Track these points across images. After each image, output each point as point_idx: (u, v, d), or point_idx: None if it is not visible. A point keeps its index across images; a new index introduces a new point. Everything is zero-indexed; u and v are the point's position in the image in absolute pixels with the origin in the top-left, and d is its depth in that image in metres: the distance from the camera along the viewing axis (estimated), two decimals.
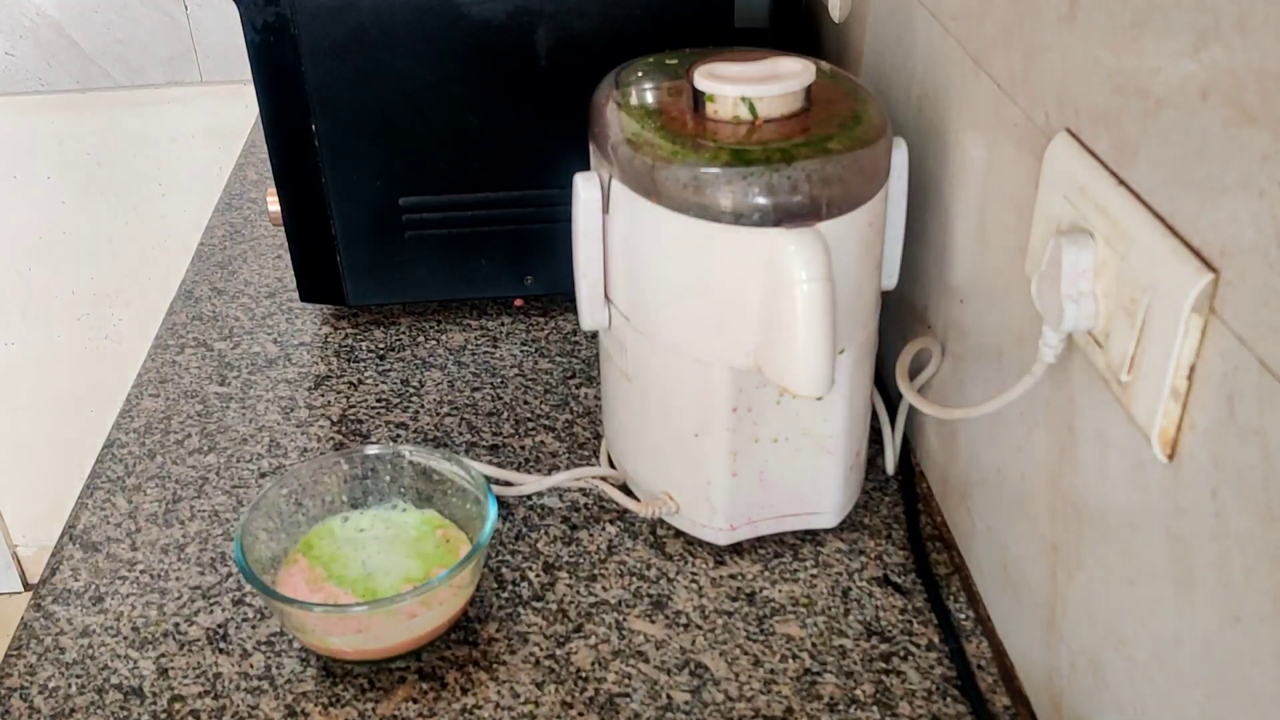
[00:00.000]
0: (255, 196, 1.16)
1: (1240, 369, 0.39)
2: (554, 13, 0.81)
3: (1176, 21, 0.42)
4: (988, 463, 0.65)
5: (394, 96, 0.83)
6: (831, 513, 0.71)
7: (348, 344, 0.92)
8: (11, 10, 1.50)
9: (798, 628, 0.67)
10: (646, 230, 0.62)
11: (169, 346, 0.93)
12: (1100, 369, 0.49)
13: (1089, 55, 0.49)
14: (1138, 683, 0.49)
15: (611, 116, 0.64)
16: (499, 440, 0.81)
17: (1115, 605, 0.51)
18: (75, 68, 1.55)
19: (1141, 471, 0.47)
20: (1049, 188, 0.52)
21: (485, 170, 0.87)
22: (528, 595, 0.69)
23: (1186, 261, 0.42)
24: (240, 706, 0.62)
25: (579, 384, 0.87)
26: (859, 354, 0.66)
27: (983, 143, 0.62)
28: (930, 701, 0.62)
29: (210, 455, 0.81)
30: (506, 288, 0.93)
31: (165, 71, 1.56)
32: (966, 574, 0.69)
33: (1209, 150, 0.40)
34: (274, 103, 0.83)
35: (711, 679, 0.64)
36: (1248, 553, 0.40)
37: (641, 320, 0.66)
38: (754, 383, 0.64)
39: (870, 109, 0.63)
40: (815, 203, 0.59)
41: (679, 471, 0.69)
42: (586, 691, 0.63)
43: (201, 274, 1.03)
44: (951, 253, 0.69)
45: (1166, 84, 0.43)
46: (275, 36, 0.81)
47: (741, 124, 0.61)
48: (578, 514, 0.75)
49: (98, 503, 0.77)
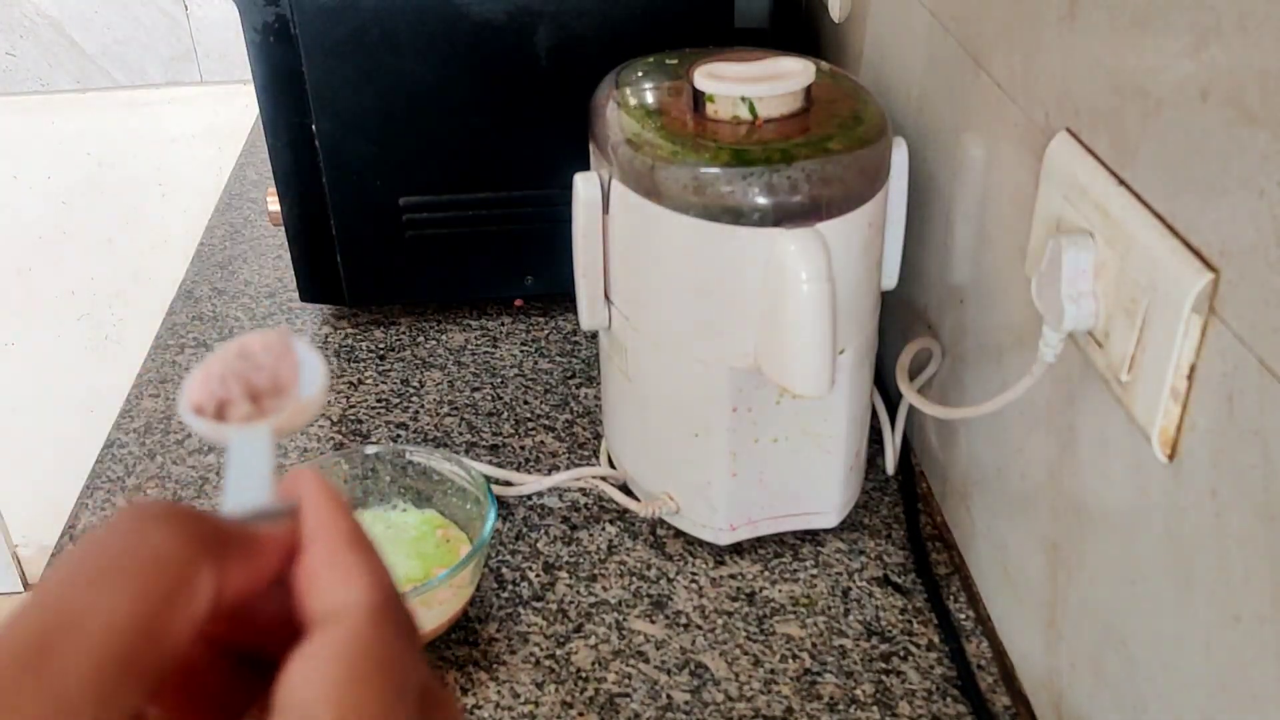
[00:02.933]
0: (255, 196, 1.16)
1: (1240, 369, 0.39)
2: (554, 13, 0.81)
3: (1176, 21, 0.42)
4: (988, 463, 0.65)
5: (394, 96, 0.83)
6: (831, 513, 0.71)
7: (348, 344, 0.92)
8: (11, 10, 1.50)
9: (798, 628, 0.67)
10: (646, 230, 0.62)
11: (169, 346, 0.93)
12: (1100, 369, 0.49)
13: (1089, 55, 0.49)
14: (1138, 683, 0.49)
15: (611, 116, 0.64)
16: (499, 440, 0.81)
17: (1115, 605, 0.51)
18: (75, 68, 1.55)
19: (1141, 471, 0.47)
20: (1049, 188, 0.52)
21: (485, 170, 0.87)
22: (528, 595, 0.69)
23: (1186, 261, 0.42)
24: None
25: (579, 384, 0.87)
26: (859, 354, 0.66)
27: (983, 143, 0.62)
28: (930, 701, 0.62)
29: (210, 455, 0.80)
30: (506, 288, 0.93)
31: (165, 71, 1.56)
32: (966, 574, 0.69)
33: (1209, 150, 0.40)
34: (274, 103, 0.83)
35: (711, 679, 0.64)
36: (1248, 553, 0.40)
37: (641, 320, 0.66)
38: (754, 383, 0.64)
39: (870, 109, 0.63)
40: (815, 203, 0.59)
41: (679, 471, 0.69)
42: (586, 691, 0.63)
43: (201, 274, 1.03)
44: (951, 253, 0.69)
45: (1166, 84, 0.43)
46: (275, 36, 0.81)
47: (741, 124, 0.61)
48: (578, 514, 0.75)
49: (98, 503, 0.77)
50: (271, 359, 0.34)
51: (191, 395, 0.33)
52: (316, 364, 0.34)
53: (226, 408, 0.33)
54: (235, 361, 0.34)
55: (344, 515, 0.28)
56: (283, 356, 0.34)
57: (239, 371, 0.34)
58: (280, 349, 0.34)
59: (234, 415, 0.33)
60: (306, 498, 0.29)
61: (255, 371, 0.34)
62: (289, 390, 0.34)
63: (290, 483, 0.29)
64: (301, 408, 0.33)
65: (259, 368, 0.34)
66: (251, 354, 0.34)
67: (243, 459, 0.32)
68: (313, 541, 0.28)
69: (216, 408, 0.33)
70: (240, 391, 0.33)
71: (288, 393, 0.34)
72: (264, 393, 0.34)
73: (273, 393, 0.34)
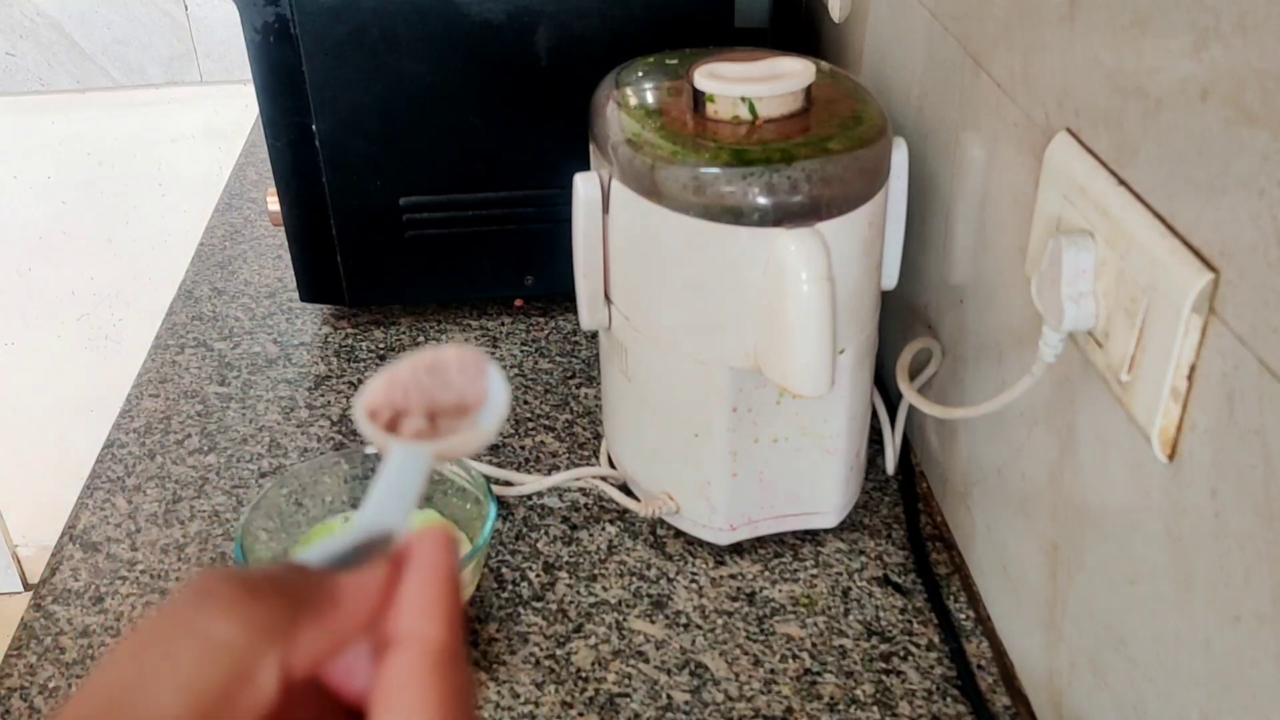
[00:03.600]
0: (255, 196, 1.16)
1: (1240, 369, 0.39)
2: (554, 13, 0.81)
3: (1176, 21, 0.42)
4: (988, 462, 0.65)
5: (394, 96, 0.83)
6: (831, 513, 0.71)
7: (348, 344, 0.92)
8: (11, 10, 1.50)
9: (798, 628, 0.67)
10: (646, 230, 0.62)
11: (169, 346, 0.93)
12: (1100, 369, 0.49)
13: (1089, 55, 0.49)
14: (1138, 683, 0.49)
15: (611, 116, 0.64)
16: (499, 440, 0.81)
17: (1115, 605, 0.51)
18: (75, 68, 1.55)
19: (1141, 471, 0.47)
20: (1049, 188, 0.52)
21: (485, 170, 0.87)
22: (528, 595, 0.69)
23: (1186, 261, 0.42)
24: None
25: (579, 384, 0.87)
26: (859, 354, 0.66)
27: (983, 143, 0.62)
28: (930, 701, 0.62)
29: (210, 455, 0.80)
30: (506, 288, 0.93)
31: (165, 71, 1.56)
32: (966, 574, 0.69)
33: (1209, 150, 0.40)
34: (274, 103, 0.83)
35: (711, 679, 0.64)
36: (1248, 553, 0.40)
37: (641, 320, 0.66)
38: (754, 383, 0.64)
39: (870, 109, 0.63)
40: (815, 203, 0.59)
41: (679, 471, 0.69)
42: (586, 691, 0.63)
43: (201, 274, 1.03)
44: (951, 253, 0.69)
45: (1166, 84, 0.43)
46: (275, 36, 0.81)
47: (741, 124, 0.61)
48: (578, 514, 0.75)
49: (98, 503, 0.77)
50: (462, 380, 0.33)
51: (371, 398, 0.33)
52: (502, 395, 0.33)
53: (401, 418, 0.32)
54: (424, 374, 0.33)
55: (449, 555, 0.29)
56: (474, 380, 0.33)
57: (425, 386, 0.33)
58: (475, 372, 0.34)
59: (406, 428, 0.32)
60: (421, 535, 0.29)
61: (443, 389, 0.33)
62: (470, 415, 0.33)
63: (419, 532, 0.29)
64: (473, 436, 0.32)
65: (447, 385, 0.33)
66: (444, 370, 0.33)
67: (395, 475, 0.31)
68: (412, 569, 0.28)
69: (391, 416, 0.32)
70: (420, 406, 0.32)
71: (468, 417, 0.33)
72: (444, 412, 0.33)
73: (454, 413, 0.33)
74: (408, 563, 0.28)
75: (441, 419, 0.33)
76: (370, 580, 0.27)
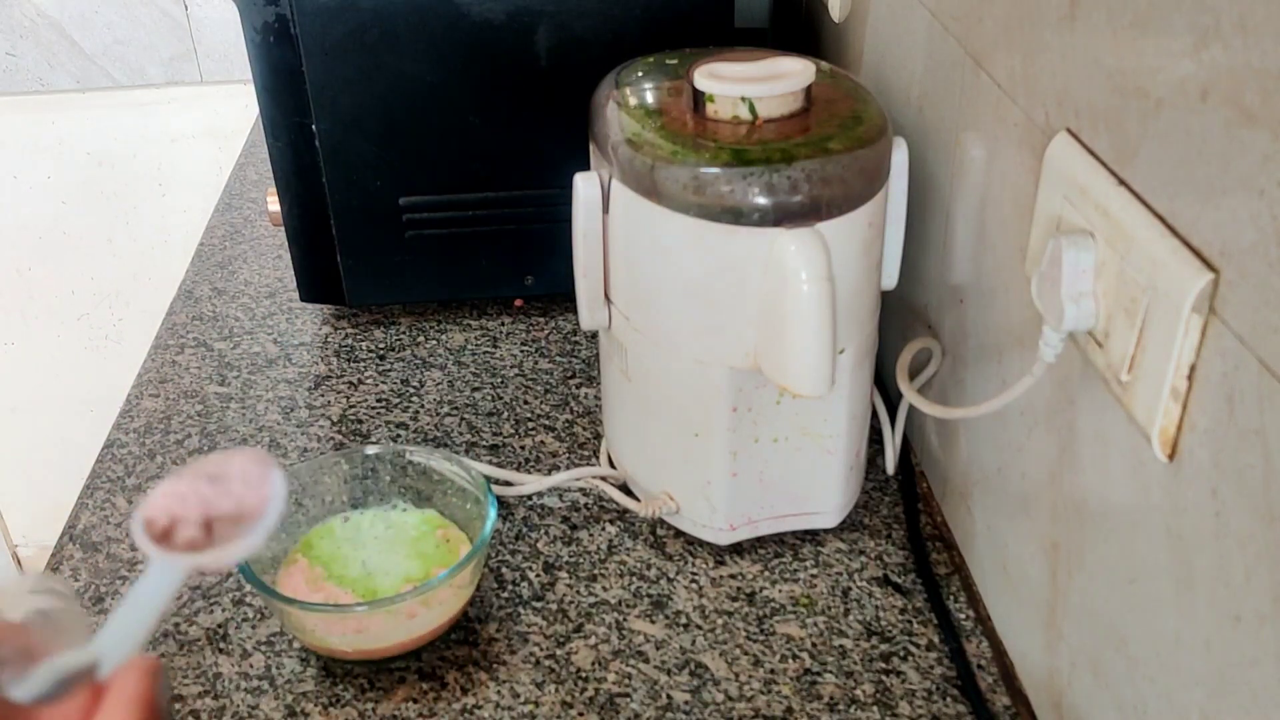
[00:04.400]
0: (255, 196, 1.16)
1: (1240, 369, 0.39)
2: (554, 13, 0.81)
3: (1176, 21, 0.42)
4: (988, 462, 0.65)
5: (394, 96, 0.83)
6: (831, 513, 0.71)
7: (348, 344, 0.92)
8: (11, 10, 1.50)
9: (798, 628, 0.67)
10: (646, 230, 0.62)
11: (169, 346, 0.93)
12: (1100, 369, 0.49)
13: (1089, 55, 0.49)
14: (1138, 683, 0.49)
15: (611, 116, 0.64)
16: (499, 440, 0.81)
17: (1115, 605, 0.51)
18: (75, 68, 1.55)
19: (1141, 471, 0.47)
20: (1049, 188, 0.52)
21: (485, 170, 0.87)
22: (528, 595, 0.69)
23: (1186, 261, 0.42)
24: (240, 706, 0.62)
25: (579, 384, 0.87)
26: (859, 354, 0.66)
27: (983, 143, 0.62)
28: (930, 701, 0.62)
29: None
30: (506, 288, 0.93)
31: (165, 71, 1.56)
32: (966, 574, 0.69)
33: (1209, 150, 0.40)
34: (274, 103, 0.83)
35: (711, 679, 0.64)
36: (1248, 553, 0.40)
37: (641, 320, 0.66)
38: (754, 383, 0.64)
39: (870, 109, 0.63)
40: (815, 203, 0.59)
41: (679, 471, 0.69)
42: (586, 691, 0.63)
43: (201, 274, 1.03)
44: (951, 253, 0.69)
45: (1166, 84, 0.43)
46: (275, 36, 0.81)
47: (741, 124, 0.61)
48: (578, 514, 0.75)
49: (98, 503, 0.77)
50: (243, 488, 0.34)
51: (149, 508, 0.34)
52: (279, 506, 0.34)
53: (176, 527, 0.33)
54: (204, 484, 0.34)
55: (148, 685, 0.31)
56: (257, 487, 0.34)
57: (204, 495, 0.34)
58: (258, 479, 0.35)
59: (180, 537, 0.33)
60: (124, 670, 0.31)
61: (222, 497, 0.34)
62: (246, 523, 0.34)
63: None
64: (237, 548, 0.34)
65: (227, 493, 0.34)
66: (225, 478, 0.34)
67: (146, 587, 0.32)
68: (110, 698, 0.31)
69: (168, 524, 0.33)
70: (197, 514, 0.33)
71: (245, 525, 0.34)
72: (222, 519, 0.34)
73: (231, 521, 0.34)
74: (107, 692, 0.30)
75: (218, 526, 0.34)
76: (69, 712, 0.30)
